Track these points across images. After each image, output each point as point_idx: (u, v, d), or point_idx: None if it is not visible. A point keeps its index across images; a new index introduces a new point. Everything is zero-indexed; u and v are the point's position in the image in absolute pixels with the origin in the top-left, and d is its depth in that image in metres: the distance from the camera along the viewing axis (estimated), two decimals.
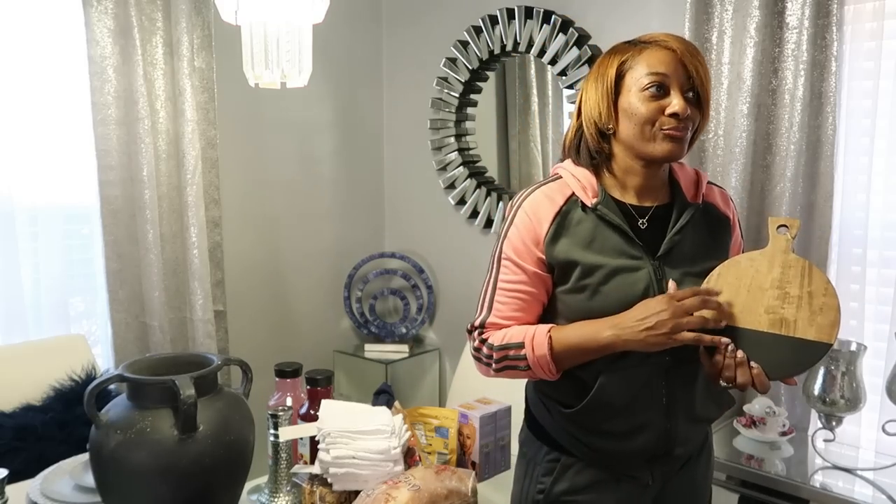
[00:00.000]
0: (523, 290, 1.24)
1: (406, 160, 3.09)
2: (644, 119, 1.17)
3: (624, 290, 1.18)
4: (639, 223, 1.23)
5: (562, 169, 1.28)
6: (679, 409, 1.24)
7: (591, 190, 1.23)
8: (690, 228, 1.24)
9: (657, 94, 1.17)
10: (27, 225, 2.21)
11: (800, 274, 1.14)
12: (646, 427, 1.23)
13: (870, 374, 1.84)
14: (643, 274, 1.19)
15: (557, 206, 1.22)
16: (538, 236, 1.21)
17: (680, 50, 1.18)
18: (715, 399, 1.30)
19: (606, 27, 2.40)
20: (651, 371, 1.21)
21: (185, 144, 2.36)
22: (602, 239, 1.20)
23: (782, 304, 1.14)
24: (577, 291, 1.20)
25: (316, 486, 1.42)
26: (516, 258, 1.23)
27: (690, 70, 1.17)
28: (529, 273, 1.23)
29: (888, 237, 1.94)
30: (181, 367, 1.35)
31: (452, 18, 2.80)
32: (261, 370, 1.64)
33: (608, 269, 1.18)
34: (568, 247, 1.20)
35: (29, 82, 2.16)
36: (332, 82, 2.93)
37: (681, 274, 1.20)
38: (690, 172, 1.31)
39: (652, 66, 1.17)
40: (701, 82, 1.19)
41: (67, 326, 2.31)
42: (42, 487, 1.44)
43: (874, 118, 1.93)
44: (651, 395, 1.22)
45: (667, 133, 1.17)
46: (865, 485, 1.74)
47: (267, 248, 2.81)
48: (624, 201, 1.24)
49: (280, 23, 1.58)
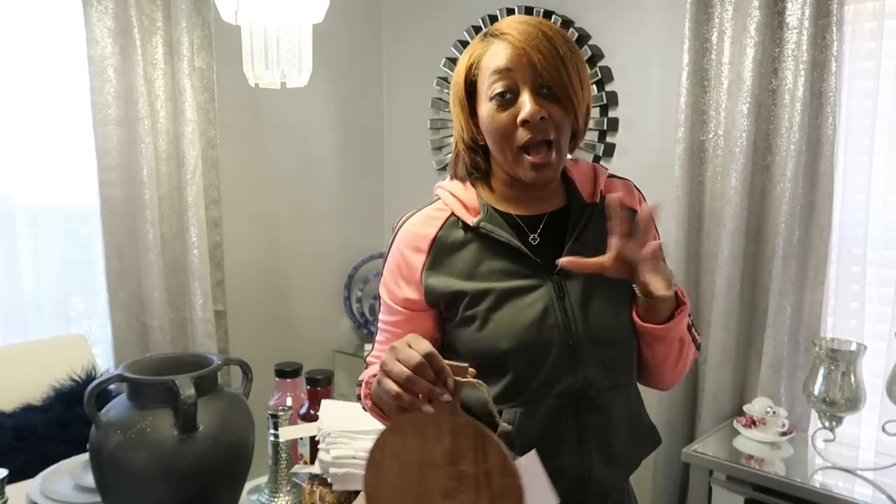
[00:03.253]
0: (397, 334, 1.08)
1: (406, 160, 3.09)
2: (499, 135, 1.01)
3: (518, 313, 1.02)
4: (530, 238, 1.07)
5: (440, 188, 1.13)
6: (594, 447, 1.04)
7: (472, 207, 1.07)
8: (592, 233, 1.06)
9: (505, 100, 1.00)
10: (27, 225, 2.21)
11: (472, 446, 0.82)
12: (560, 473, 1.02)
13: (870, 374, 1.84)
14: (541, 293, 1.03)
15: (434, 232, 1.07)
16: (413, 271, 1.07)
17: (519, 39, 0.98)
18: (637, 434, 1.11)
19: (606, 27, 2.40)
20: (558, 404, 1.03)
21: (185, 144, 2.36)
22: (488, 263, 1.04)
23: (459, 487, 0.83)
24: (466, 323, 1.04)
25: (316, 486, 1.42)
26: (388, 300, 1.10)
27: (534, 60, 0.97)
28: (400, 315, 1.09)
29: (888, 237, 1.94)
30: (181, 367, 1.35)
31: (452, 18, 2.80)
32: (261, 370, 1.64)
33: (498, 294, 1.02)
34: (448, 277, 1.05)
35: (29, 82, 2.16)
36: (332, 82, 2.93)
37: (585, 288, 1.04)
38: (586, 168, 1.14)
39: (495, 64, 1.00)
40: (552, 73, 0.98)
41: (67, 326, 2.31)
42: (42, 487, 1.44)
43: (874, 118, 1.92)
44: (559, 432, 1.03)
45: (530, 161, 1.00)
46: (865, 485, 1.74)
47: (267, 249, 2.81)
48: (511, 213, 1.08)
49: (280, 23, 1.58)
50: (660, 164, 2.26)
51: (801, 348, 2.02)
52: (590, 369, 1.03)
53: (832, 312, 2.01)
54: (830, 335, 1.96)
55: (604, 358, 1.05)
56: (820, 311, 1.97)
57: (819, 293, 1.97)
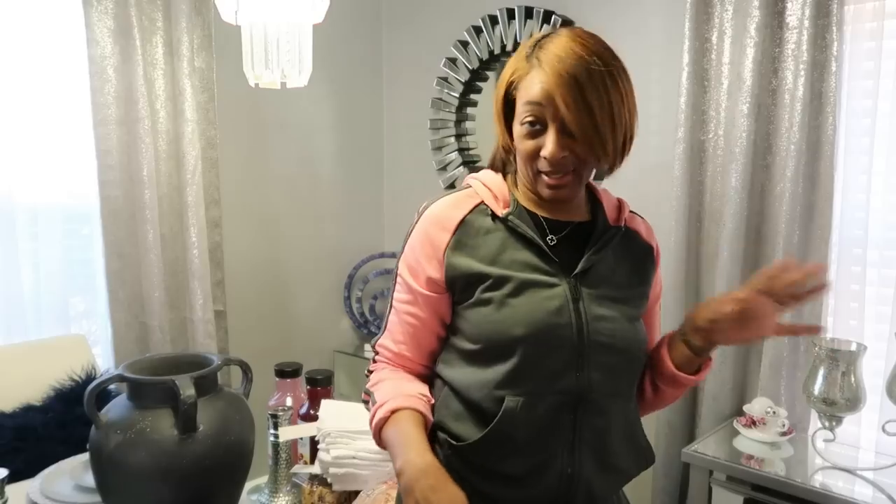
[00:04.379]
0: (412, 314, 1.11)
1: (406, 160, 3.09)
2: (523, 158, 1.05)
3: (536, 304, 1.04)
4: (548, 238, 1.09)
5: (472, 178, 1.16)
6: (587, 450, 1.06)
7: (503, 199, 1.10)
8: (611, 251, 1.11)
9: (533, 129, 1.02)
10: (27, 225, 2.21)
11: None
12: (546, 468, 1.05)
13: (870, 375, 1.84)
14: (559, 291, 1.05)
15: (462, 215, 1.09)
16: (437, 249, 1.08)
17: (553, 78, 0.98)
18: (634, 449, 1.13)
19: (607, 27, 2.38)
20: (559, 401, 1.04)
21: (185, 144, 2.36)
22: (512, 252, 1.07)
23: None
24: (482, 304, 1.05)
25: (316, 486, 1.42)
26: (408, 277, 1.11)
27: (559, 106, 0.98)
28: (419, 295, 1.10)
29: (888, 237, 1.94)
30: (181, 367, 1.36)
31: (452, 18, 2.80)
32: (261, 370, 1.64)
33: (518, 282, 1.05)
34: (471, 259, 1.07)
35: (29, 82, 2.16)
36: (332, 82, 2.93)
37: (598, 295, 1.07)
38: (613, 199, 1.18)
39: (528, 95, 1.01)
40: (575, 124, 0.98)
41: (67, 326, 2.31)
42: (42, 487, 1.45)
43: (874, 118, 1.92)
44: (556, 430, 1.05)
45: (546, 181, 1.04)
46: (865, 485, 1.74)
47: (267, 248, 2.81)
48: (538, 213, 1.11)
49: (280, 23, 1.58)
50: (660, 164, 2.26)
51: (801, 348, 2.02)
52: (594, 373, 1.05)
53: (832, 312, 2.01)
54: (830, 335, 1.96)
55: (609, 364, 1.06)
56: (820, 311, 1.97)
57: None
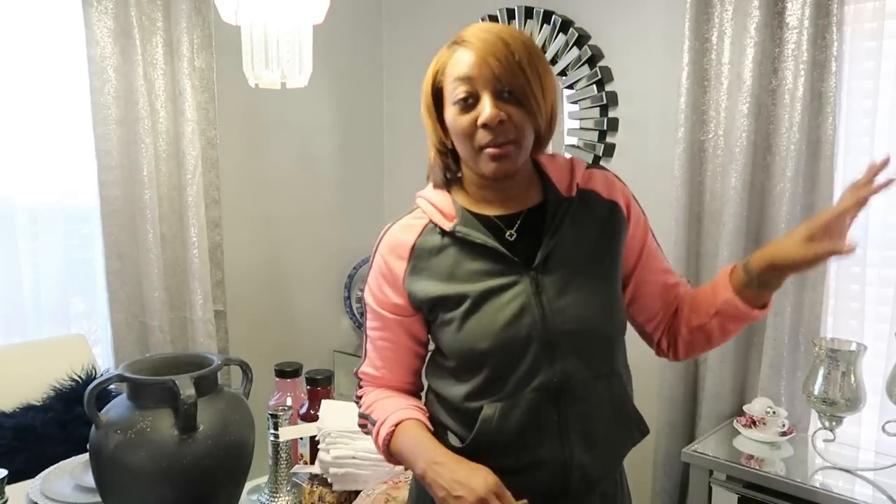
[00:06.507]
0: (386, 339, 1.16)
1: (406, 160, 3.09)
2: (462, 136, 1.05)
3: (492, 316, 1.05)
4: (507, 234, 1.09)
5: (418, 197, 1.17)
6: (575, 437, 1.07)
7: (448, 213, 1.11)
8: (570, 227, 1.09)
9: (467, 104, 1.03)
10: (27, 225, 2.21)
11: None
12: (539, 461, 1.07)
13: (870, 374, 1.84)
14: (519, 290, 1.05)
15: (413, 238, 1.11)
16: (396, 277, 1.11)
17: (480, 45, 1.02)
18: (624, 424, 1.14)
19: (606, 27, 2.40)
20: (538, 398, 1.06)
21: (185, 144, 2.36)
22: (467, 264, 1.08)
23: None
24: (446, 324, 1.08)
25: (316, 486, 1.42)
26: (375, 306, 1.15)
27: (492, 66, 1.01)
28: (389, 321, 1.14)
29: (888, 237, 1.94)
30: (181, 367, 1.35)
31: (452, 18, 2.80)
32: (261, 370, 1.64)
33: (475, 297, 1.06)
34: (428, 282, 1.09)
35: (29, 82, 2.16)
36: (332, 82, 2.93)
37: (561, 281, 1.06)
38: (562, 162, 1.15)
39: (457, 72, 1.04)
40: (509, 77, 1.01)
41: (67, 326, 2.31)
42: (42, 487, 1.45)
43: (874, 118, 1.92)
44: (540, 425, 1.06)
45: (488, 153, 1.04)
46: (865, 485, 1.74)
47: (267, 248, 2.81)
48: (488, 214, 1.11)
49: (280, 23, 1.58)
50: (660, 164, 2.26)
51: (800, 348, 2.02)
52: (568, 362, 1.06)
53: (832, 312, 2.01)
54: (830, 335, 1.96)
55: (582, 349, 1.07)
56: (820, 311, 1.97)
57: (819, 293, 1.97)
